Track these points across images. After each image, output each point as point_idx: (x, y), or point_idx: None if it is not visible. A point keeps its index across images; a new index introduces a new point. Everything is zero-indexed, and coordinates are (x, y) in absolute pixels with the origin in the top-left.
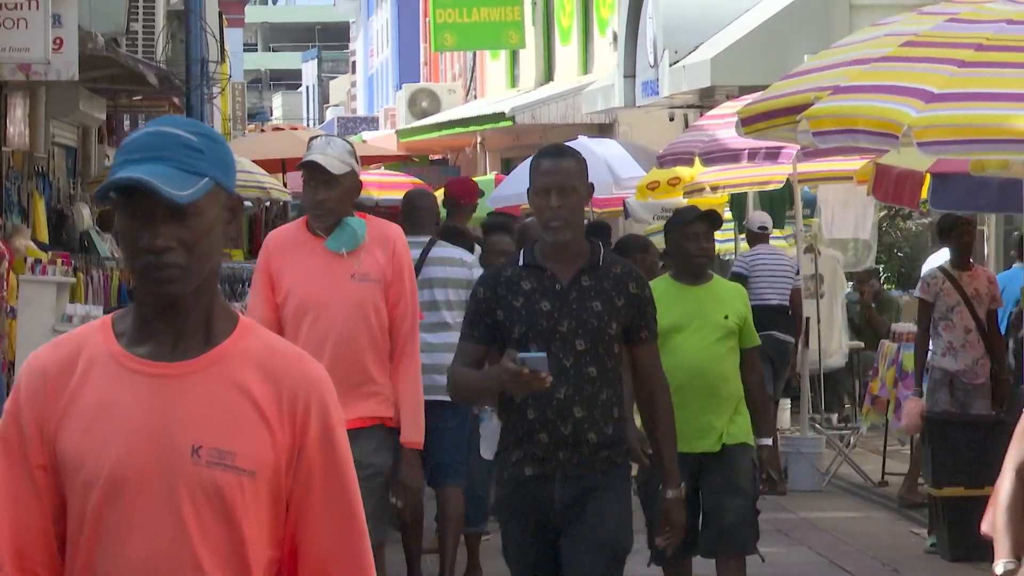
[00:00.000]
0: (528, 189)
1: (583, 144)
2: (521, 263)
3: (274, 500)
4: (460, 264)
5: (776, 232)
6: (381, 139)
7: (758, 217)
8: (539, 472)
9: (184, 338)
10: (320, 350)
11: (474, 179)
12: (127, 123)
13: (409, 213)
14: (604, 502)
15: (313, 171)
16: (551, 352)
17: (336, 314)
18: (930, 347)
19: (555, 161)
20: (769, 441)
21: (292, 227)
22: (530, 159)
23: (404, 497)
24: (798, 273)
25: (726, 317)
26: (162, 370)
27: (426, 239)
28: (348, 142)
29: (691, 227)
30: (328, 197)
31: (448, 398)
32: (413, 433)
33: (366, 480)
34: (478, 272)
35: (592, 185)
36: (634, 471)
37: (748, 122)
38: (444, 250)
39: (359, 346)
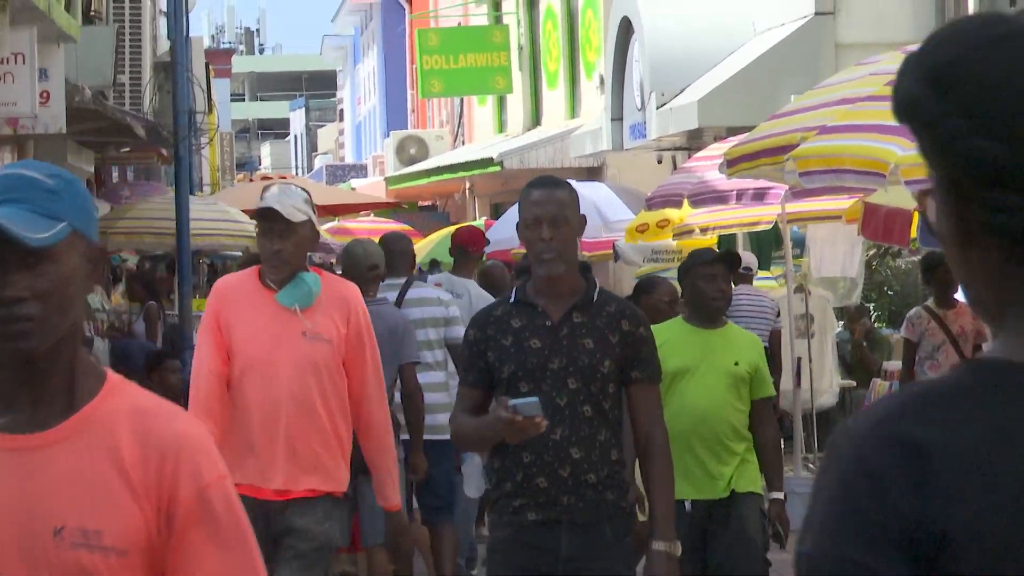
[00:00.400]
0: (518, 223)
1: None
2: (512, 300)
3: None
4: (437, 303)
5: (764, 273)
6: (370, 186)
7: (743, 258)
8: (544, 518)
9: (43, 404)
10: (266, 413)
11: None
12: (115, 175)
13: (385, 256)
14: (611, 567)
15: (269, 219)
16: (542, 391)
17: (284, 375)
18: None
19: (547, 191)
20: (781, 495)
21: (243, 276)
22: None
23: (399, 561)
24: (778, 315)
25: (736, 364)
26: (19, 443)
27: (402, 280)
28: (304, 190)
29: (709, 268)
30: (284, 247)
31: (436, 437)
32: (392, 497)
33: (313, 551)
34: (454, 311)
35: (584, 217)
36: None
37: (733, 163)
38: (420, 291)
39: (309, 410)
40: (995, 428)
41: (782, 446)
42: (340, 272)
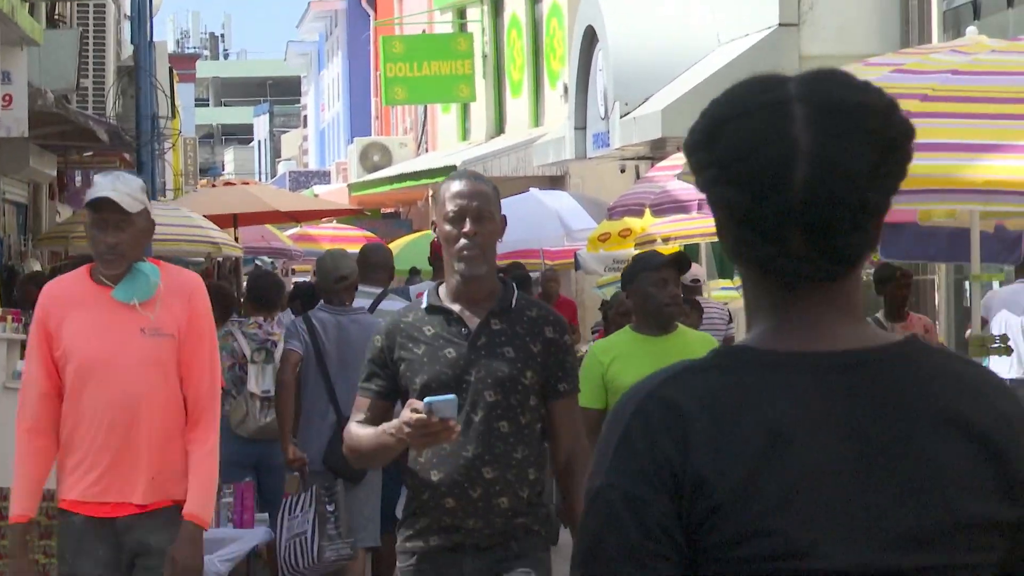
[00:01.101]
0: (434, 219)
1: (534, 196)
2: (424, 305)
3: None
4: None
5: (727, 283)
6: (333, 193)
7: (692, 271)
8: (447, 544)
9: None
10: (106, 418)
11: (425, 233)
12: (78, 179)
13: (362, 266)
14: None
15: (103, 210)
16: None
17: (124, 375)
18: None
19: (471, 184)
20: None
21: (73, 277)
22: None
23: (174, 574)
24: (730, 321)
25: None
26: None
27: (378, 290)
28: (138, 178)
29: (658, 273)
30: (120, 240)
31: None
32: (199, 508)
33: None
34: None
35: (505, 219)
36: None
37: None
38: (392, 303)
39: (153, 412)
40: (733, 394)
41: None
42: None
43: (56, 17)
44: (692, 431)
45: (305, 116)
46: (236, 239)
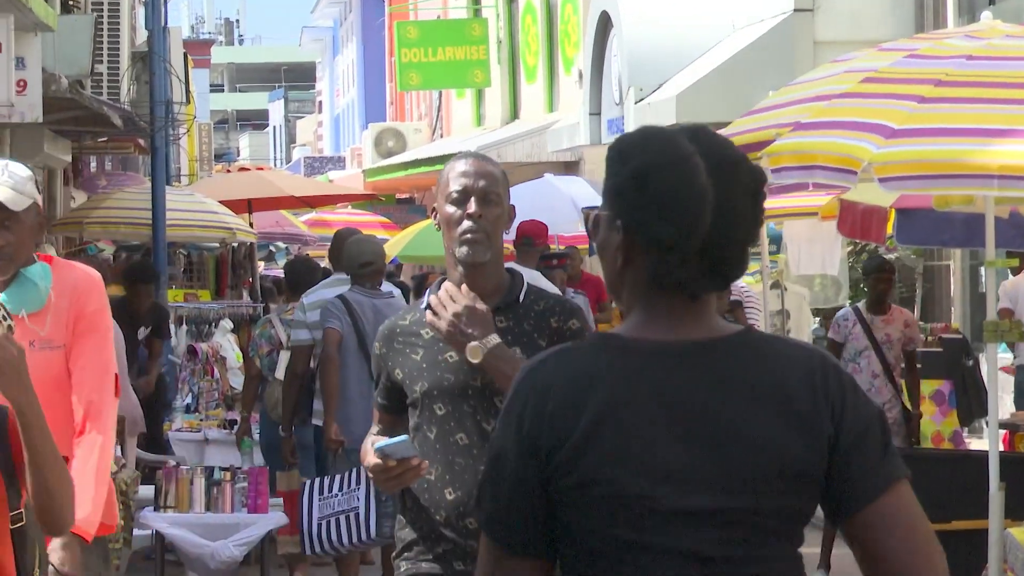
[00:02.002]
0: (436, 203)
1: (549, 181)
2: (425, 306)
3: None
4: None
5: None
6: (348, 178)
7: None
8: (466, 571)
9: None
10: None
11: None
12: (93, 165)
13: (336, 252)
14: None
15: None
16: (464, 413)
17: None
18: None
19: (479, 163)
20: None
21: None
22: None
23: None
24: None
25: None
26: None
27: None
28: (27, 166)
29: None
30: (8, 242)
31: None
32: (81, 514)
33: None
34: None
35: (514, 208)
36: None
37: None
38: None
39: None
40: (587, 373)
41: None
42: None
43: (70, 3)
44: (549, 404)
45: (320, 102)
46: (251, 224)
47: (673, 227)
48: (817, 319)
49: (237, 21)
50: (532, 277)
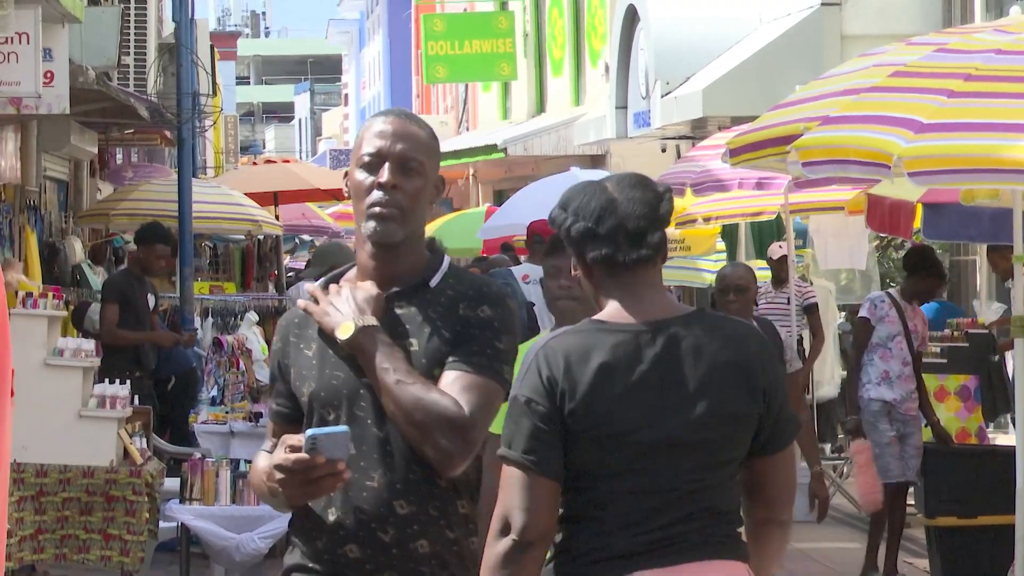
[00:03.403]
0: (349, 166)
1: (575, 175)
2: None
3: None
4: None
5: (762, 263)
6: None
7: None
8: None
9: None
10: None
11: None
12: (119, 156)
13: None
14: None
15: None
16: (357, 420)
17: None
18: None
19: (399, 122)
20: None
21: None
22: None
23: None
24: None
25: None
26: None
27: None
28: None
29: (548, 260)
30: None
31: None
32: None
33: None
34: None
35: (443, 180)
36: None
37: (736, 153)
38: None
39: None
40: (584, 346)
41: None
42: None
43: None
44: (563, 367)
45: (346, 94)
46: (277, 217)
47: (588, 221)
48: (843, 314)
49: (264, 13)
50: (540, 274)
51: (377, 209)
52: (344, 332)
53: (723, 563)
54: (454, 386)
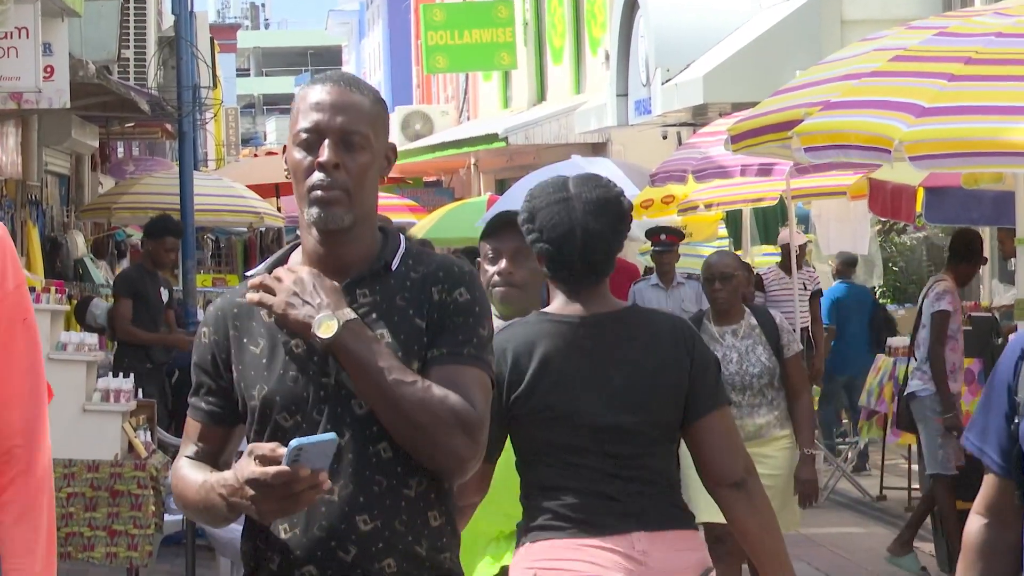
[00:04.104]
0: (286, 142)
1: (577, 163)
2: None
3: None
4: None
5: (769, 248)
6: None
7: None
8: None
9: None
10: None
11: (466, 201)
12: (120, 150)
13: None
14: None
15: None
16: (316, 425)
17: None
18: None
19: (337, 91)
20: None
21: None
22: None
23: None
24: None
25: None
26: None
27: None
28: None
29: (486, 244)
30: None
31: None
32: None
33: None
34: None
35: (394, 147)
36: None
37: (737, 139)
38: None
39: None
40: (529, 337)
41: None
42: None
43: None
44: (511, 358)
45: None
46: (278, 209)
47: (549, 244)
48: None
49: (263, 5)
50: None
51: (319, 193)
52: (326, 331)
53: (688, 534)
54: (452, 382)
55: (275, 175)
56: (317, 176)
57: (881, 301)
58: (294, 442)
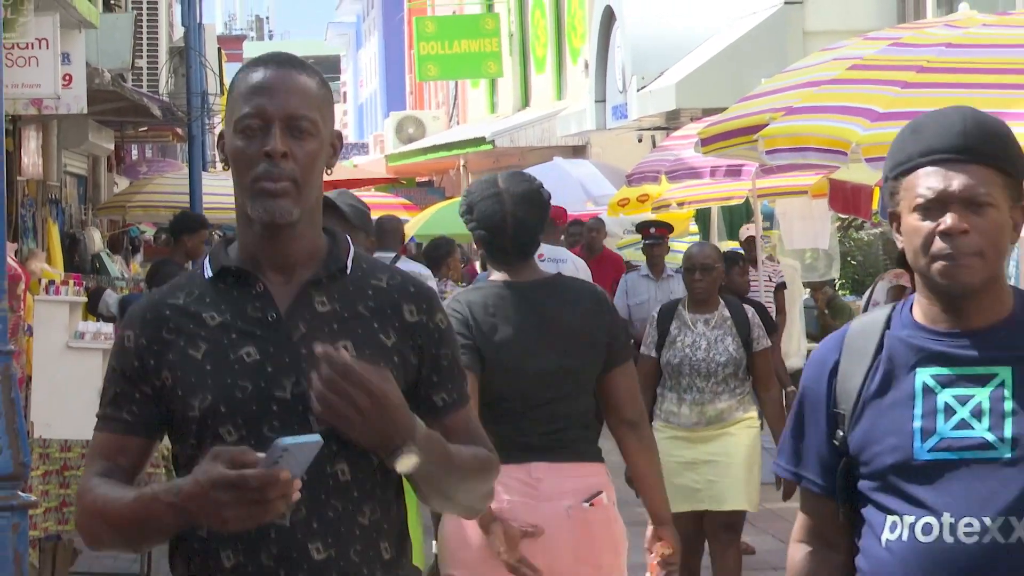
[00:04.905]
0: (224, 129)
1: (559, 165)
2: (208, 275)
3: None
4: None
5: (735, 244)
6: (371, 163)
7: (743, 230)
8: None
9: None
10: None
11: (455, 200)
12: (134, 153)
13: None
14: None
15: None
16: (266, 440)
17: None
18: None
19: (281, 73)
20: None
21: None
22: None
23: None
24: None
25: None
26: None
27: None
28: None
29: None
30: None
31: None
32: None
33: None
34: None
35: (341, 136)
36: None
37: (707, 142)
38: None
39: None
40: (483, 301)
41: None
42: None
43: (112, 1)
44: (471, 318)
45: (345, 92)
46: None
47: (486, 231)
48: (807, 291)
49: (267, 18)
50: (556, 255)
51: (266, 184)
52: (406, 464)
53: (587, 465)
54: (467, 431)
55: None
56: (263, 166)
57: (840, 292)
58: (280, 441)
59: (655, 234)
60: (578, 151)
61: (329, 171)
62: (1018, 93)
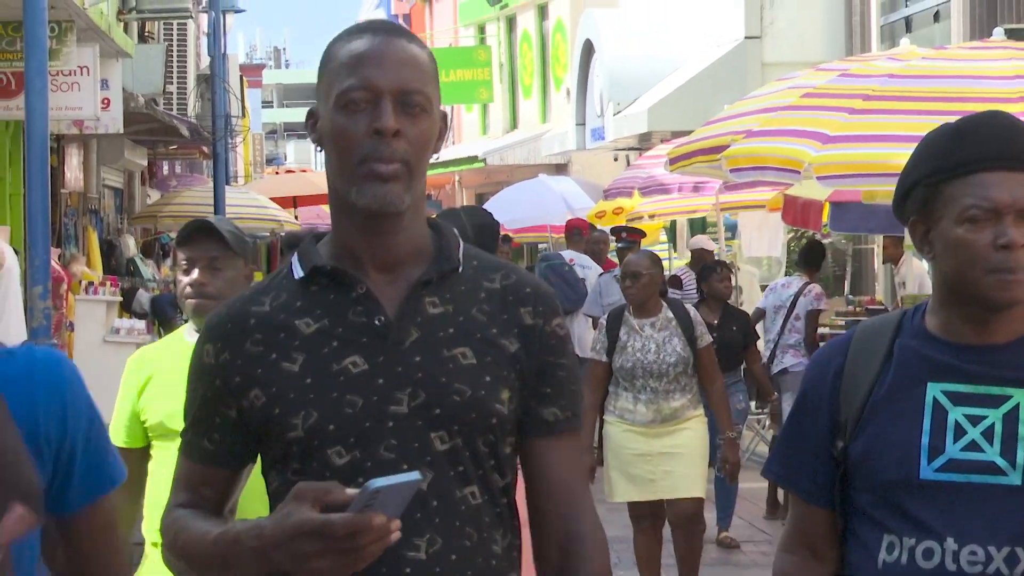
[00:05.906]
0: (315, 106)
1: (543, 181)
2: (299, 274)
3: None
4: None
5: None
6: None
7: (695, 241)
8: None
9: None
10: None
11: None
12: (165, 168)
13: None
14: None
15: None
16: (384, 463)
17: None
18: None
19: (390, 42)
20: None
21: None
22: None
23: None
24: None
25: None
26: None
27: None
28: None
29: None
30: None
31: None
32: None
33: None
34: None
35: (446, 116)
36: None
37: (675, 161)
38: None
39: None
40: None
41: None
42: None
43: (146, 34)
44: None
45: None
46: (296, 217)
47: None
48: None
49: (285, 48)
50: (583, 261)
51: (376, 167)
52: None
53: None
54: (571, 461)
55: (293, 189)
56: (371, 145)
57: None
58: (371, 483)
59: (627, 238)
60: (561, 168)
61: (437, 155)
62: (955, 120)
